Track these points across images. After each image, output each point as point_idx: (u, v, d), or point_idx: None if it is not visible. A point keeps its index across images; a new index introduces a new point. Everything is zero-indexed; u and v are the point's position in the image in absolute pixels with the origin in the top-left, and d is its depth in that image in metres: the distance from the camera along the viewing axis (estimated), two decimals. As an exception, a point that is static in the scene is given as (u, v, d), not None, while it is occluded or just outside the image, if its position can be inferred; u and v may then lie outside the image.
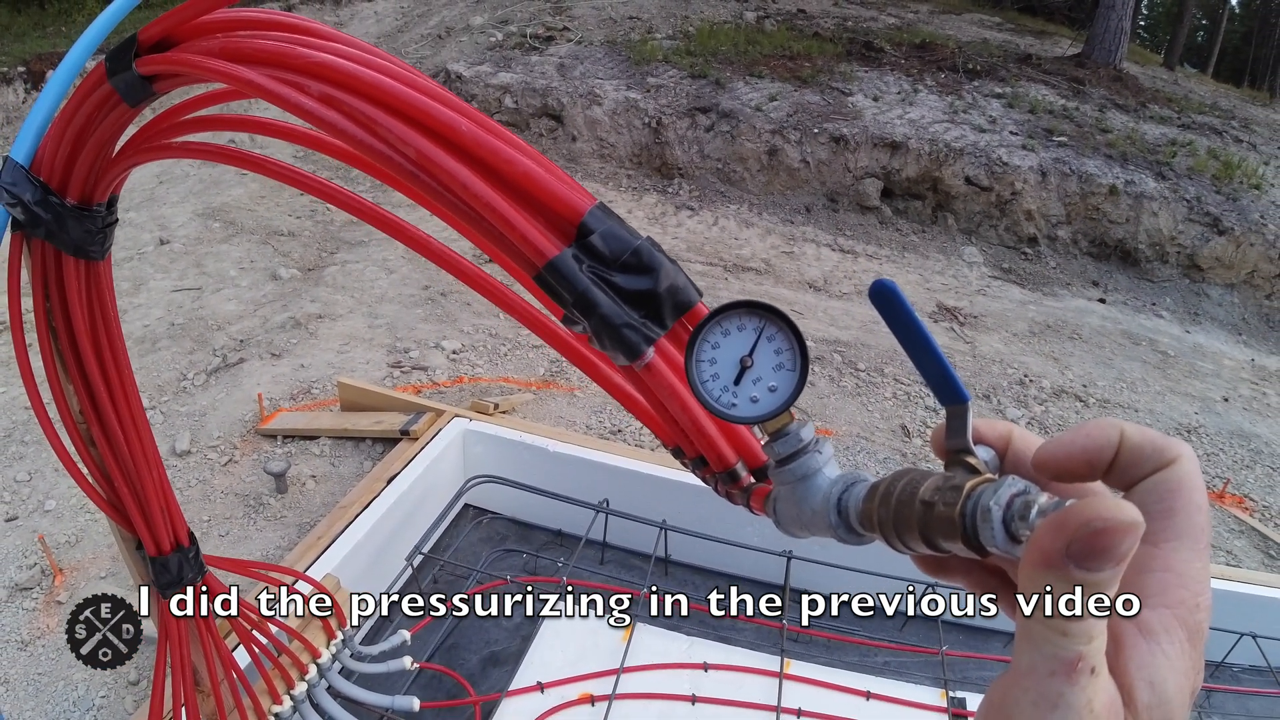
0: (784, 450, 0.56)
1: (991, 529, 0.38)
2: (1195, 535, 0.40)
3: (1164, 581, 0.39)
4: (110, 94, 0.90)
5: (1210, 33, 31.81)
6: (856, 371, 5.83)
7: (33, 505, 3.58)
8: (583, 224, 0.62)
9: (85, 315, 1.13)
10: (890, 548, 0.48)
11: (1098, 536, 0.33)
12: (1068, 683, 0.35)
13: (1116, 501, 0.33)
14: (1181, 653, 0.38)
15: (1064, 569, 0.34)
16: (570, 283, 0.60)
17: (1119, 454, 0.41)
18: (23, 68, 9.57)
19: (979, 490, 0.40)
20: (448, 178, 0.64)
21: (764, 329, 0.55)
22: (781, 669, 2.34)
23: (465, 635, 2.49)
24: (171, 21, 0.83)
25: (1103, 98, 10.97)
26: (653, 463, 2.87)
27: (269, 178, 1.12)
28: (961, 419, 0.45)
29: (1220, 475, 5.28)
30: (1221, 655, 2.58)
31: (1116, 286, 8.46)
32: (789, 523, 0.58)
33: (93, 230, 1.06)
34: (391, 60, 0.73)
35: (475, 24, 12.38)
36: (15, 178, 0.99)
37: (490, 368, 5.19)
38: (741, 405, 0.55)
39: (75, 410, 1.22)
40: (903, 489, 0.46)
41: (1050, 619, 0.35)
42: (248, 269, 6.39)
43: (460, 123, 0.65)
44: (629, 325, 0.60)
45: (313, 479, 3.69)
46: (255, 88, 0.74)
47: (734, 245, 8.14)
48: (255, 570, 1.80)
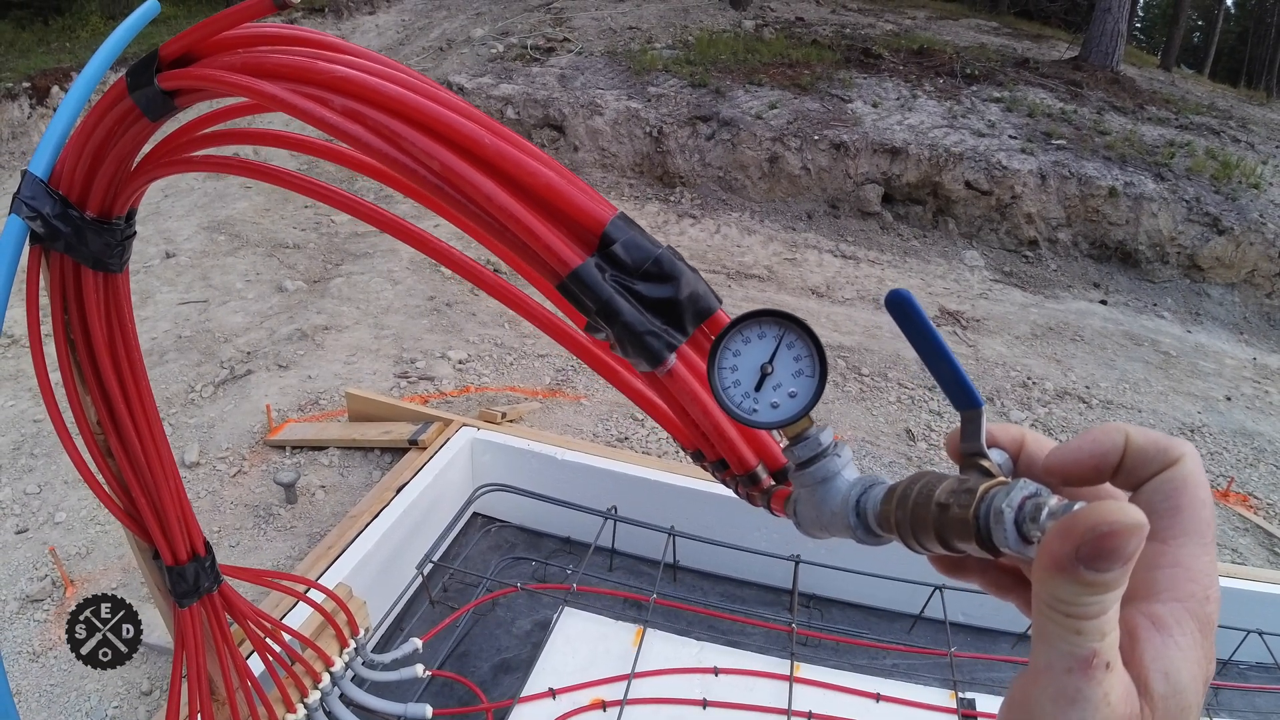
0: (804, 454, 0.57)
1: (1004, 530, 0.40)
2: (1201, 531, 0.41)
3: (1173, 576, 0.40)
4: (131, 109, 0.91)
5: (1206, 33, 31.84)
6: (861, 376, 5.83)
7: (43, 517, 3.60)
8: (605, 233, 0.63)
9: (104, 327, 1.14)
10: (907, 548, 0.49)
11: (1104, 539, 0.34)
12: (1084, 678, 0.37)
13: (1121, 505, 0.35)
14: (1194, 643, 0.39)
15: (1074, 571, 0.35)
16: (594, 291, 0.62)
17: (1125, 456, 0.42)
18: (28, 84, 9.61)
19: (992, 493, 0.42)
20: (472, 190, 0.65)
21: (784, 336, 0.57)
22: (791, 672, 2.34)
23: (476, 643, 2.50)
24: (192, 37, 0.85)
25: (1100, 100, 10.99)
26: (660, 469, 2.88)
27: (289, 190, 1.13)
28: (975, 423, 0.46)
29: (1224, 474, 5.28)
30: (1228, 653, 2.58)
31: (1117, 288, 8.47)
32: (809, 524, 0.59)
33: (112, 243, 1.07)
34: (412, 74, 0.74)
35: (476, 36, 12.42)
36: (35, 191, 1.00)
37: (496, 377, 5.20)
38: (763, 411, 0.57)
39: (93, 421, 1.23)
40: (919, 492, 0.47)
41: (1064, 618, 0.37)
42: (254, 281, 6.42)
43: (483, 135, 0.66)
44: (651, 333, 0.61)
45: (322, 489, 3.70)
46: (279, 102, 0.75)
47: (736, 252, 8.16)
48: (269, 579, 1.81)
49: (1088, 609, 0.36)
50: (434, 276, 6.65)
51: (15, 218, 1.02)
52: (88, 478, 1.25)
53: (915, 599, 2.61)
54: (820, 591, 2.82)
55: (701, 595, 2.79)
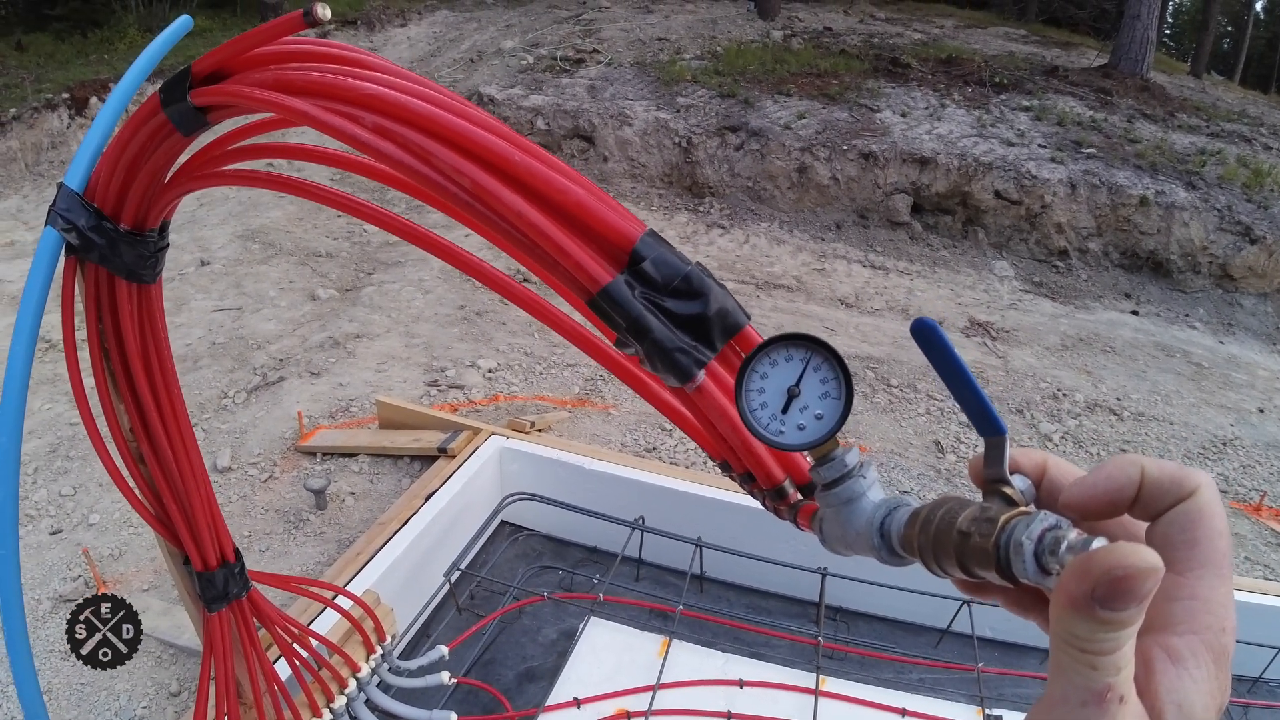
0: (830, 475, 0.58)
1: (1024, 562, 0.41)
2: (1218, 562, 0.42)
3: (1190, 609, 0.41)
4: (164, 124, 0.92)
5: (1236, 40, 31.45)
6: (889, 388, 5.80)
7: (77, 519, 3.65)
8: (635, 251, 0.64)
9: (136, 336, 1.16)
10: (929, 571, 0.50)
11: (1120, 581, 0.35)
12: (1099, 711, 0.37)
13: (1136, 547, 0.35)
14: (1208, 675, 0.40)
15: (1090, 609, 0.36)
16: (624, 309, 0.62)
17: (1141, 489, 0.42)
18: (66, 94, 9.79)
19: (1013, 524, 0.43)
20: (502, 207, 0.66)
21: (810, 359, 0.57)
22: (817, 685, 2.33)
23: (502, 651, 2.51)
24: (224, 54, 0.86)
25: (1130, 108, 10.89)
26: (688, 480, 2.88)
27: (320, 204, 1.15)
28: (999, 450, 0.47)
29: (1257, 488, 5.19)
30: (1259, 670, 2.55)
31: (1148, 298, 8.37)
32: (834, 541, 0.60)
33: (145, 255, 1.09)
34: (442, 91, 0.75)
35: (506, 48, 12.51)
36: (70, 204, 1.02)
37: (526, 386, 5.22)
38: (789, 433, 0.57)
39: (126, 428, 1.25)
40: (941, 518, 0.48)
41: (1080, 653, 0.37)
42: (286, 289, 6.49)
43: (513, 152, 0.67)
44: (681, 349, 0.62)
45: (352, 495, 3.73)
46: (308, 118, 0.77)
47: (765, 263, 8.14)
48: (297, 585, 1.83)
49: (1103, 645, 0.37)
50: (464, 286, 6.68)
51: (51, 229, 1.04)
52: (120, 484, 1.27)
53: (943, 613, 2.60)
54: (847, 604, 2.81)
55: (727, 607, 2.79)
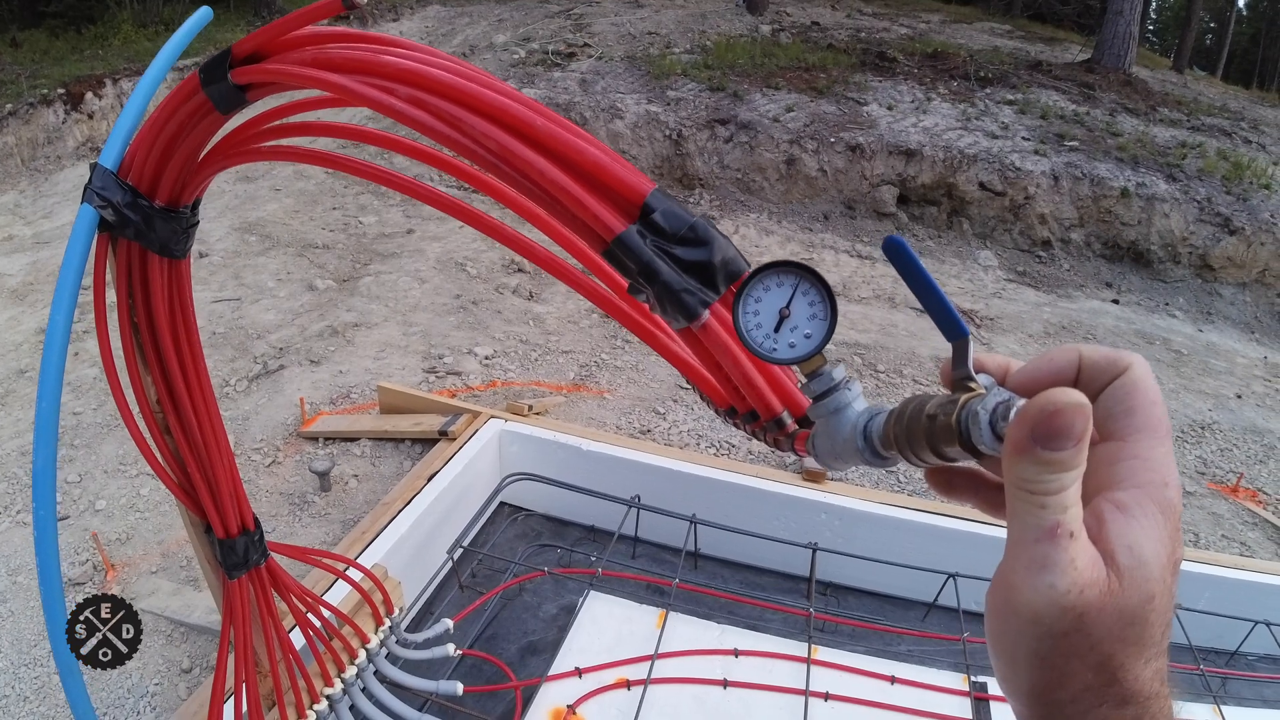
0: (819, 388, 0.65)
1: (980, 430, 0.47)
2: (1154, 426, 0.47)
3: (1132, 468, 0.46)
4: (203, 103, 0.99)
5: (1218, 35, 31.58)
6: (876, 373, 5.89)
7: (84, 505, 3.69)
8: (646, 203, 0.72)
9: (167, 309, 1.22)
10: (908, 463, 0.57)
11: (1053, 418, 0.41)
12: (1051, 545, 0.42)
13: (1064, 390, 0.41)
14: (1155, 524, 0.44)
15: (1033, 451, 0.42)
16: (636, 254, 0.70)
17: (1080, 371, 0.48)
18: (62, 90, 9.76)
19: (971, 401, 0.49)
20: (526, 166, 0.74)
21: (799, 284, 0.64)
22: (809, 655, 2.38)
23: (504, 626, 2.56)
24: (263, 37, 0.93)
25: (1113, 102, 11.01)
26: (682, 459, 2.95)
27: (354, 176, 1.22)
28: (964, 351, 0.53)
29: (1234, 470, 5.30)
30: (1236, 643, 2.63)
31: (1130, 287, 8.49)
32: (825, 454, 0.67)
33: (178, 230, 1.15)
34: (467, 66, 0.83)
35: (498, 42, 12.54)
36: (105, 182, 1.09)
37: (522, 372, 5.28)
38: (781, 349, 0.64)
39: (153, 400, 1.31)
40: (913, 409, 0.55)
41: (1029, 495, 0.43)
42: (285, 280, 6.52)
43: (535, 118, 0.75)
44: (688, 290, 0.70)
45: (355, 478, 3.79)
46: (349, 92, 0.84)
47: (754, 252, 8.20)
48: (312, 556, 1.89)
49: (1048, 485, 0.42)
50: (459, 276, 6.74)
51: (87, 206, 1.09)
52: (147, 454, 1.32)
53: (929, 587, 2.65)
54: (837, 579, 2.87)
55: (722, 582, 2.85)
